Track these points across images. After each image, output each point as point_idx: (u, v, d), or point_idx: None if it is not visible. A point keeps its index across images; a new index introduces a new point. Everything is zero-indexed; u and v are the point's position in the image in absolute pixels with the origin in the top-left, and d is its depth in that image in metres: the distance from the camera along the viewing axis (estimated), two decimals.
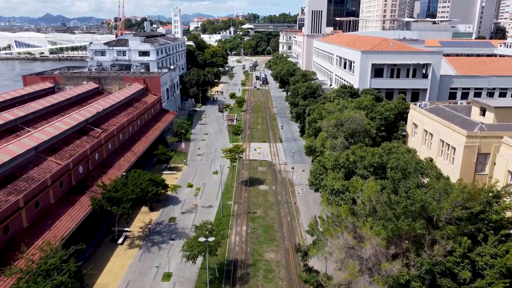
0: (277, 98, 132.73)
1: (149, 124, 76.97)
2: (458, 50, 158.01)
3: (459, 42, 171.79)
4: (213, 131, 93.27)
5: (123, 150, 61.10)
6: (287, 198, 57.90)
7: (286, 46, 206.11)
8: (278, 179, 64.73)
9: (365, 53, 66.96)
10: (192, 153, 77.65)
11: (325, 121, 46.16)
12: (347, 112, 45.42)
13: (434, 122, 43.91)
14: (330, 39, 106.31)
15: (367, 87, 67.71)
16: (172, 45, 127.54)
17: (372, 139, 46.18)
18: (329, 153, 40.33)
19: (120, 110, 71.92)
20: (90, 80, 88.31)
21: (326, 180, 36.90)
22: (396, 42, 69.60)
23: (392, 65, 68.13)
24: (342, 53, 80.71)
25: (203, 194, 58.94)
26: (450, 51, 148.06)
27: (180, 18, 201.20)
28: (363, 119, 44.16)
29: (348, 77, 75.39)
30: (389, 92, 69.23)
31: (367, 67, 67.35)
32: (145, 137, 69.70)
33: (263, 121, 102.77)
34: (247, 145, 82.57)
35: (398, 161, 34.46)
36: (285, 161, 73.00)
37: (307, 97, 71.48)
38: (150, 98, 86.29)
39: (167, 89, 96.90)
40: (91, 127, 59.10)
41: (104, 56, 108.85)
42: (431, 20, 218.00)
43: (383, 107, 50.55)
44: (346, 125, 43.54)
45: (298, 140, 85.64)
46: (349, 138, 43.77)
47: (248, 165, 70.91)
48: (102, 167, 53.74)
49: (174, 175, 65.96)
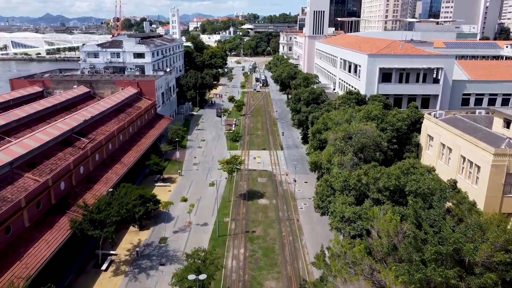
0: (278, 101, 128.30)
1: (142, 131, 72.50)
2: (463, 51, 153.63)
3: (464, 43, 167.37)
4: (211, 137, 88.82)
5: (112, 162, 56.64)
6: (289, 214, 53.47)
7: (286, 47, 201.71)
8: (279, 192, 60.30)
9: (372, 57, 62.53)
10: (187, 162, 73.19)
11: (332, 133, 41.72)
12: (356, 124, 40.98)
13: (453, 135, 39.46)
14: (333, 40, 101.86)
15: (374, 93, 63.28)
16: (169, 47, 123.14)
17: (383, 153, 41.79)
18: (337, 171, 35.89)
19: (110, 117, 67.45)
20: (81, 84, 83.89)
21: (335, 204, 32.46)
22: (405, 45, 65.22)
23: (401, 70, 63.71)
24: (347, 56, 76.26)
25: (198, 209, 54.49)
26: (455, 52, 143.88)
27: (178, 18, 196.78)
28: (374, 131, 39.73)
29: (354, 82, 70.96)
30: (397, 98, 64.79)
31: (375, 72, 62.92)
32: (137, 146, 65.23)
33: (263, 127, 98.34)
34: (246, 153, 78.16)
35: (417, 184, 30.05)
36: (286, 171, 68.54)
37: (310, 103, 67.05)
38: (144, 103, 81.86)
39: (162, 93, 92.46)
40: (77, 137, 54.63)
41: (97, 58, 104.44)
42: (435, 21, 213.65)
43: (394, 116, 46.10)
44: (355, 139, 39.09)
45: (300, 147, 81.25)
46: (358, 153, 39.32)
47: (247, 176, 66.47)
48: (87, 181, 49.28)
49: (168, 187, 61.52)
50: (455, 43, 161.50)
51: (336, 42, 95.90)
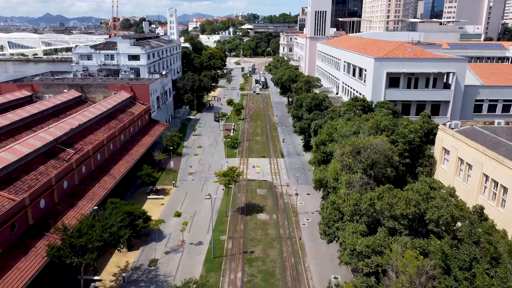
0: (278, 104, 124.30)
1: (134, 138, 68.57)
2: (468, 52, 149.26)
3: (468, 44, 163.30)
4: (208, 144, 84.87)
5: (101, 174, 52.69)
6: (291, 231, 49.52)
7: (287, 48, 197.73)
8: (280, 206, 56.35)
9: (379, 61, 58.58)
10: (183, 171, 69.23)
11: (338, 147, 37.78)
12: (365, 138, 37.05)
13: (473, 150, 35.53)
14: (336, 42, 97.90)
15: (381, 99, 59.36)
16: (165, 48, 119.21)
17: (394, 168, 37.88)
18: (346, 192, 31.97)
19: (100, 124, 63.53)
20: (72, 88, 79.98)
21: (344, 232, 28.54)
22: (414, 48, 61.26)
23: (410, 74, 59.78)
24: (351, 59, 72.30)
25: (193, 225, 50.56)
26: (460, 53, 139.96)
27: (176, 18, 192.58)
28: (385, 145, 35.82)
29: (359, 87, 67.00)
30: (405, 104, 60.88)
31: (381, 77, 58.98)
32: (129, 156, 61.29)
33: (262, 132, 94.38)
34: (245, 161, 74.24)
35: (439, 211, 26.14)
36: (287, 182, 64.62)
37: (312, 110, 63.11)
38: (137, 108, 77.94)
39: (157, 97, 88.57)
40: (62, 148, 50.67)
41: (90, 61, 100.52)
42: (438, 21, 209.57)
43: (406, 127, 42.15)
44: (365, 154, 35.17)
45: (301, 154, 77.34)
46: (368, 170, 35.42)
47: (246, 187, 62.53)
48: (71, 197, 45.35)
49: (161, 200, 57.56)
50: (460, 44, 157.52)
51: (339, 44, 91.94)
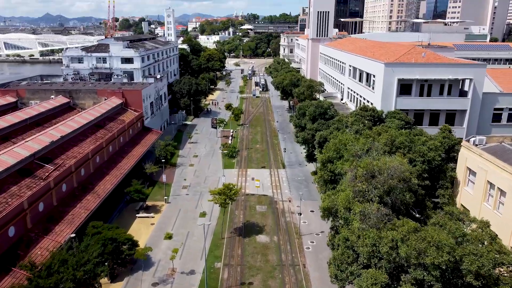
0: (278, 109, 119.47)
1: (124, 149, 63.64)
2: (474, 54, 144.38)
3: (474, 46, 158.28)
4: (204, 152, 79.88)
5: (84, 192, 47.74)
6: (293, 256, 44.57)
7: (287, 49, 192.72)
8: (281, 225, 51.41)
9: (389, 66, 53.60)
10: (176, 184, 64.27)
11: (349, 168, 32.84)
12: (380, 158, 32.09)
13: (507, 174, 30.56)
14: (340, 44, 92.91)
15: (391, 107, 54.45)
16: (161, 50, 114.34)
17: (413, 192, 32.93)
18: (360, 227, 27.03)
19: (86, 134, 58.59)
20: (59, 93, 75.08)
21: (360, 281, 23.61)
22: (428, 52, 56.29)
23: (423, 81, 54.83)
24: (358, 64, 67.34)
25: (185, 249, 45.63)
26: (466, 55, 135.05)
27: (173, 19, 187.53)
28: (404, 167, 30.88)
29: (366, 94, 62.04)
30: (418, 113, 55.90)
31: (392, 83, 54.02)
32: (117, 169, 56.34)
33: (262, 139, 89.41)
34: (244, 172, 69.29)
35: (479, 260, 21.21)
36: (289, 197, 59.66)
37: (316, 119, 58.16)
38: (129, 115, 73.02)
39: (151, 102, 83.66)
40: (40, 164, 45.72)
41: (81, 64, 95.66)
42: (442, 21, 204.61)
43: (424, 144, 37.20)
44: (381, 178, 30.23)
45: (304, 164, 72.41)
46: (384, 197, 30.47)
47: (244, 203, 57.58)
48: (48, 221, 40.43)
49: (151, 219, 52.60)
50: (466, 46, 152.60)
51: (343, 46, 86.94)
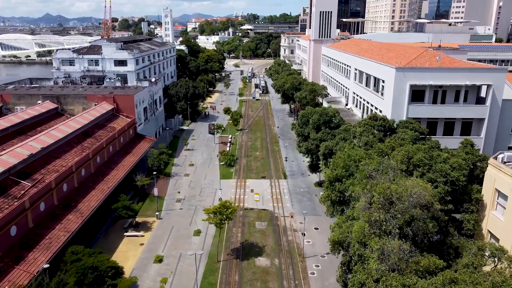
0: (279, 112, 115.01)
1: (114, 159, 59.21)
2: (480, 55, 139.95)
3: (481, 46, 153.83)
4: (201, 161, 75.43)
5: (65, 211, 43.29)
6: (297, 284, 40.09)
7: (288, 50, 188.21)
8: (283, 245, 46.93)
9: (401, 71, 49.13)
10: (170, 197, 59.82)
11: (363, 193, 28.40)
12: (399, 181, 27.63)
13: None
14: (344, 46, 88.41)
15: (402, 115, 50.03)
16: (157, 51, 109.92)
17: (435, 219, 28.51)
18: (379, 268, 22.61)
19: (72, 144, 54.13)
20: (47, 98, 70.72)
21: None
22: (442, 55, 51.79)
23: (437, 87, 50.36)
24: (364, 67, 62.90)
25: (176, 275, 41.16)
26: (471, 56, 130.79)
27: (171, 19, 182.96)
28: (428, 192, 26.45)
29: (374, 100, 57.58)
30: (431, 122, 51.41)
31: (404, 90, 49.55)
32: (104, 183, 51.89)
33: (262, 146, 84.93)
34: (242, 183, 64.85)
35: None
36: (291, 212, 55.21)
37: (321, 128, 53.69)
38: (120, 122, 68.60)
39: (145, 108, 79.21)
40: (16, 180, 41.28)
41: (73, 66, 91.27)
42: (447, 21, 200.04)
43: (446, 162, 32.73)
44: (401, 206, 25.78)
45: (306, 174, 67.98)
46: (405, 227, 26.04)
47: (243, 219, 53.11)
48: (21, 247, 35.99)
49: (140, 238, 48.13)
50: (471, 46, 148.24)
51: (347, 48, 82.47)
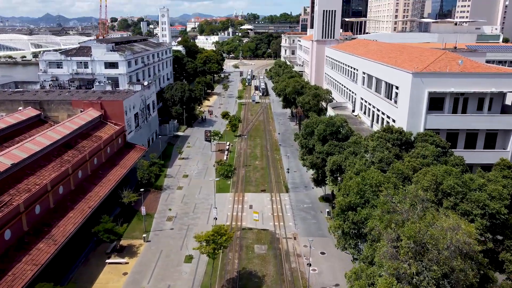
0: (280, 116, 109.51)
1: (98, 173, 53.66)
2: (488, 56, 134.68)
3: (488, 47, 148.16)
4: (196, 171, 69.93)
5: (36, 238, 37.75)
6: None
7: (289, 51, 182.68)
8: (285, 274, 41.41)
9: (418, 76, 43.60)
10: (160, 214, 54.31)
11: (385, 232, 22.90)
12: (432, 220, 22.13)
13: None
14: (349, 47, 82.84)
15: (419, 127, 44.54)
16: (152, 53, 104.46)
17: (475, 262, 23.01)
18: None
19: (50, 158, 48.60)
20: (29, 104, 65.30)
21: None
22: (465, 59, 46.25)
23: (458, 94, 44.85)
24: (374, 71, 57.40)
25: None
26: None
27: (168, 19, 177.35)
28: (472, 236, 20.96)
29: (386, 108, 52.05)
30: (451, 134, 45.92)
31: (421, 97, 44.02)
32: (85, 202, 46.36)
33: (262, 154, 79.39)
34: (240, 197, 59.38)
35: None
36: (294, 233, 49.68)
37: (327, 139, 48.17)
38: (108, 130, 63.14)
39: (136, 114, 73.72)
40: None
41: (60, 69, 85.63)
42: (453, 21, 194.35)
43: (483, 189, 27.22)
44: (436, 255, 20.29)
45: (310, 187, 62.45)
46: (442, 280, 20.53)
47: (240, 241, 47.60)
48: None
49: (124, 266, 42.60)
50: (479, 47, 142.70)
51: (353, 49, 76.92)
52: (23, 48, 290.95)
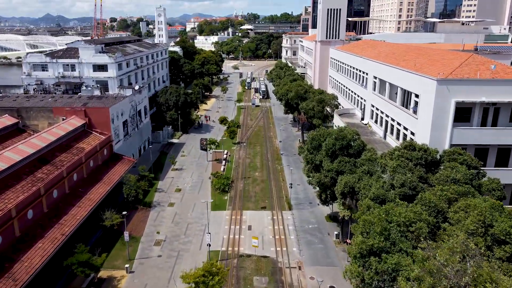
0: (281, 121, 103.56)
1: (77, 192, 47.58)
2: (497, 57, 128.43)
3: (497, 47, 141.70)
4: (190, 185, 63.91)
5: None
6: None
7: (290, 52, 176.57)
8: None
9: (444, 84, 37.53)
10: (147, 238, 48.25)
11: None
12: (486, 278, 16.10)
13: None
14: (356, 48, 76.73)
15: (445, 142, 38.50)
16: (146, 54, 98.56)
17: None
18: None
19: (20, 176, 42.51)
20: (6, 112, 59.27)
21: None
22: (498, 63, 40.19)
23: (489, 104, 38.80)
24: (388, 76, 51.34)
25: None
26: None
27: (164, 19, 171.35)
28: None
29: (403, 119, 45.97)
30: (479, 149, 39.88)
31: (447, 108, 37.97)
32: (59, 227, 40.30)
33: (262, 164, 73.31)
34: (238, 216, 53.33)
35: None
36: (299, 260, 43.64)
37: (337, 154, 42.10)
38: (92, 141, 57.08)
39: (125, 121, 67.67)
40: None
41: (46, 72, 79.67)
42: (459, 20, 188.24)
43: None
44: None
45: (315, 203, 56.51)
46: None
47: (237, 271, 41.54)
48: None
49: None
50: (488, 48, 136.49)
51: (360, 50, 70.84)
52: (19, 49, 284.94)
